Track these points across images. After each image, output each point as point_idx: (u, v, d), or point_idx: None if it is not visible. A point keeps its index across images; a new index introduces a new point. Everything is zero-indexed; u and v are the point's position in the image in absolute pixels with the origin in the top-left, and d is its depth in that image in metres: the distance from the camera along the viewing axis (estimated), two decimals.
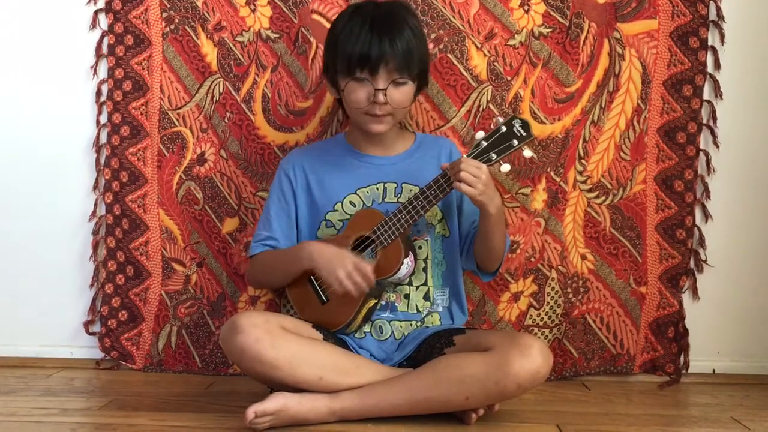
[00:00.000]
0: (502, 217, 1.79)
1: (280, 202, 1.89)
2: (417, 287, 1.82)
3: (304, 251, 1.76)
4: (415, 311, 1.82)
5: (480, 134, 1.65)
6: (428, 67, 1.86)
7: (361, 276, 1.67)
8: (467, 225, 1.87)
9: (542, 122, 2.02)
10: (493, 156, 1.64)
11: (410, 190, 1.82)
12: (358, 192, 1.84)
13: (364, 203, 1.83)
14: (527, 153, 1.67)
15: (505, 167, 1.66)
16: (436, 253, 1.86)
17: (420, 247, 1.83)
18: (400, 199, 1.82)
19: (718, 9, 2.00)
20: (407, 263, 1.73)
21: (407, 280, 1.80)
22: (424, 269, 1.83)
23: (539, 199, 2.02)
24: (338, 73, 1.79)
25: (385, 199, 1.83)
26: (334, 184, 1.86)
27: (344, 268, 1.67)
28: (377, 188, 1.84)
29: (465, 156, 1.65)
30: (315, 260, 1.73)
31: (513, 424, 1.62)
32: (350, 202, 1.84)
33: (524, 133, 1.63)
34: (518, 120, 1.63)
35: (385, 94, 1.73)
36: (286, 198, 1.88)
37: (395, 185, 1.84)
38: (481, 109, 2.03)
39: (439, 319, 1.85)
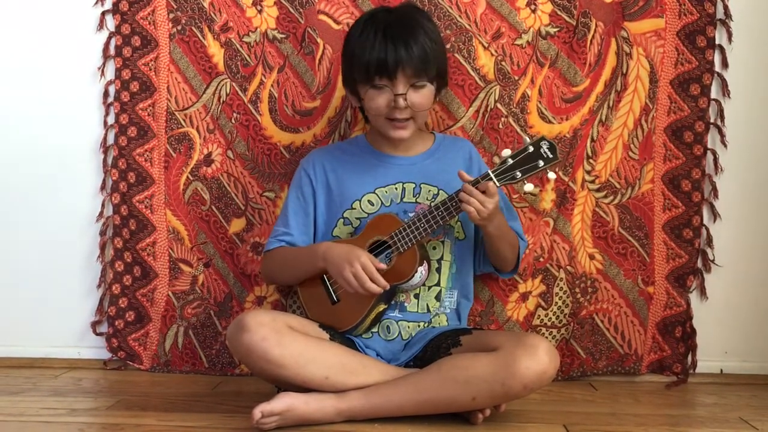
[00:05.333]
0: (504, 230, 1.79)
1: (298, 200, 1.89)
2: (429, 287, 1.82)
3: (319, 251, 1.77)
4: (425, 311, 1.82)
5: (506, 152, 1.66)
6: (446, 67, 1.88)
7: (368, 274, 1.67)
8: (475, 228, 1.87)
9: (550, 122, 2.02)
10: (518, 174, 1.64)
11: (429, 191, 1.83)
12: (376, 191, 1.84)
13: (382, 202, 1.83)
14: (551, 175, 1.69)
15: (529, 187, 1.66)
16: (451, 254, 1.86)
17: (434, 248, 1.83)
18: (418, 200, 1.83)
19: (726, 7, 1.99)
20: (421, 272, 1.74)
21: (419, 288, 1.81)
22: (438, 269, 1.83)
23: (548, 199, 2.02)
24: (357, 82, 1.80)
25: (404, 199, 1.84)
26: (353, 182, 1.87)
27: (351, 267, 1.67)
28: (396, 188, 1.85)
29: (490, 171, 1.65)
30: (327, 259, 1.74)
31: (520, 424, 1.62)
32: (368, 201, 1.84)
33: (551, 155, 1.63)
34: (546, 141, 1.64)
35: (405, 99, 1.74)
36: (305, 196, 1.89)
37: (414, 185, 1.84)
38: (489, 108, 2.03)
39: (446, 320, 1.84)
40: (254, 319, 1.60)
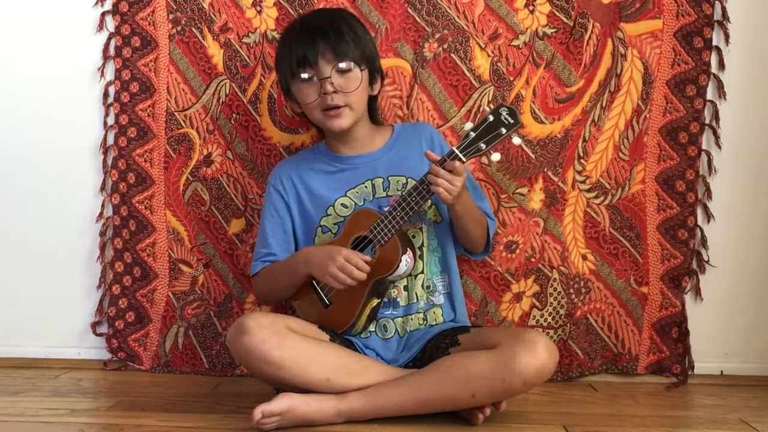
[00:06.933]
0: (470, 208, 1.80)
1: (273, 218, 1.90)
2: (415, 276, 1.83)
3: (299, 257, 1.79)
4: (415, 300, 1.82)
5: (468, 125, 1.65)
6: (374, 57, 1.86)
7: (353, 266, 1.67)
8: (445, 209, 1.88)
9: (542, 122, 2.02)
10: (482, 146, 1.64)
11: (397, 181, 1.84)
12: (348, 194, 1.85)
13: (355, 203, 1.84)
14: (516, 140, 1.68)
15: (496, 156, 1.66)
16: (431, 240, 1.86)
17: (414, 236, 1.83)
18: (389, 193, 1.84)
19: (724, 9, 1.99)
20: (406, 260, 1.74)
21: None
22: (420, 257, 1.83)
23: (536, 199, 2.02)
24: (289, 83, 1.83)
25: (376, 196, 1.84)
26: (322, 190, 1.87)
27: (334, 262, 1.68)
28: (366, 186, 1.85)
29: (455, 148, 1.65)
30: (309, 263, 1.75)
31: (520, 424, 1.62)
32: (342, 205, 1.84)
33: (511, 120, 1.63)
34: (505, 108, 1.63)
35: (332, 83, 1.75)
36: (280, 212, 1.89)
37: (382, 179, 1.85)
38: (481, 109, 2.03)
39: (442, 315, 1.85)
40: (254, 321, 1.60)
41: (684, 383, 1.99)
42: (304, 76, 1.77)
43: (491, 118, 1.64)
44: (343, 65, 1.76)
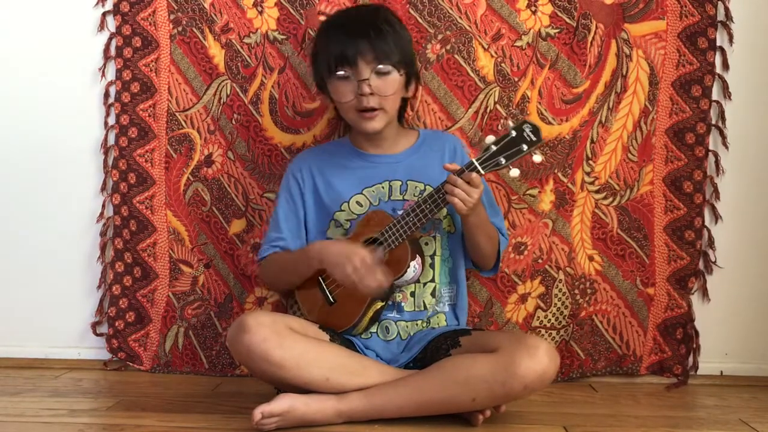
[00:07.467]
0: (483, 221, 1.78)
1: (288, 204, 1.89)
2: (424, 284, 1.82)
3: (313, 251, 1.77)
4: (422, 308, 1.82)
5: (490, 138, 1.64)
6: (413, 59, 1.87)
7: (365, 270, 1.66)
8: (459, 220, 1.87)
9: (550, 123, 2.02)
10: (502, 161, 1.63)
11: (415, 187, 1.83)
12: (364, 192, 1.84)
13: (370, 202, 1.83)
14: (537, 158, 1.66)
15: (514, 172, 1.65)
16: (443, 249, 1.86)
17: (426, 244, 1.83)
18: (405, 197, 1.83)
19: (727, 9, 1.99)
20: (414, 266, 1.74)
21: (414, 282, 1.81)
22: (431, 265, 1.83)
23: (546, 200, 2.02)
24: (324, 79, 1.82)
25: (391, 197, 1.84)
26: (340, 184, 1.87)
27: (351, 263, 1.66)
28: (383, 187, 1.85)
29: (474, 160, 1.64)
30: (323, 258, 1.73)
31: (520, 425, 1.62)
32: (357, 202, 1.84)
33: (534, 138, 1.61)
34: (528, 125, 1.61)
35: (369, 85, 1.74)
36: (294, 199, 1.89)
37: (400, 183, 1.84)
38: (488, 110, 2.03)
39: (445, 320, 1.85)
40: (255, 320, 1.60)
41: (684, 384, 1.99)
42: (341, 73, 1.76)
43: (514, 133, 1.62)
44: (382, 67, 1.75)
